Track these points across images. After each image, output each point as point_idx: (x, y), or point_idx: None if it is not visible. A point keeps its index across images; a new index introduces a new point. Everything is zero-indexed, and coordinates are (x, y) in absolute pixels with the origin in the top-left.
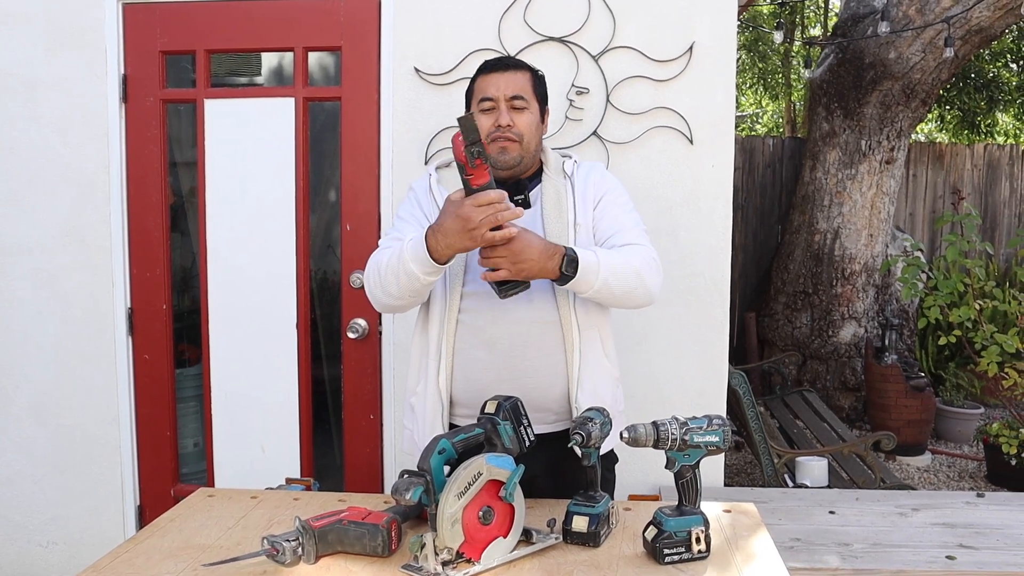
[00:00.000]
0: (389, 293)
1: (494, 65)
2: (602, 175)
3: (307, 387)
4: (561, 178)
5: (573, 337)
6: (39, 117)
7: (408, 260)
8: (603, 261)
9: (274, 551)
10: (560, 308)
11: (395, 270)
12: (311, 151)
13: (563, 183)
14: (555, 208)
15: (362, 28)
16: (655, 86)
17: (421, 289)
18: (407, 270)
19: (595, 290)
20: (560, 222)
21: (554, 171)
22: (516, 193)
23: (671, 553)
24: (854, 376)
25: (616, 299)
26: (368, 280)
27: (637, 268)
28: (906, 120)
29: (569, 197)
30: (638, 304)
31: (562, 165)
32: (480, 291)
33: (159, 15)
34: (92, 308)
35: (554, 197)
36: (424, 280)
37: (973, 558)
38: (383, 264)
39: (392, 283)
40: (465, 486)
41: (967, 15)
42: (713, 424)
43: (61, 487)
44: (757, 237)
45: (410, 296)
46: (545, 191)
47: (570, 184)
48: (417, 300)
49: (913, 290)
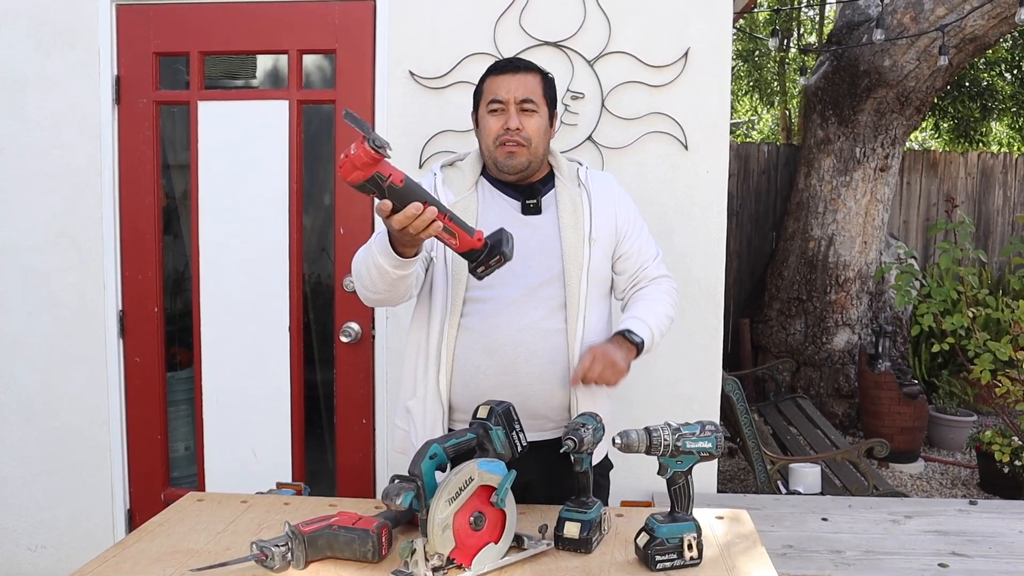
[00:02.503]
0: (365, 286)
1: (504, 67)
2: (620, 193)
3: (299, 391)
4: (576, 186)
5: (575, 346)
6: (30, 117)
7: (376, 253)
8: (654, 329)
9: (263, 556)
10: (568, 321)
11: (367, 263)
12: (305, 154)
13: (578, 192)
14: (572, 218)
15: (357, 31)
16: (650, 91)
17: (395, 282)
18: (376, 263)
19: (650, 353)
20: (577, 234)
21: (568, 178)
22: (528, 197)
23: (663, 560)
24: (847, 383)
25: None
26: (353, 275)
27: (670, 315)
28: (900, 128)
29: (586, 209)
30: None
31: (576, 172)
32: (484, 296)
33: (153, 16)
34: (83, 310)
35: (570, 207)
36: (394, 274)
37: (965, 566)
38: (359, 259)
39: (365, 276)
40: (456, 491)
41: (961, 23)
42: (706, 430)
43: (50, 490)
44: (751, 243)
45: (386, 289)
46: (560, 199)
47: (586, 193)
48: (397, 294)
49: (907, 297)
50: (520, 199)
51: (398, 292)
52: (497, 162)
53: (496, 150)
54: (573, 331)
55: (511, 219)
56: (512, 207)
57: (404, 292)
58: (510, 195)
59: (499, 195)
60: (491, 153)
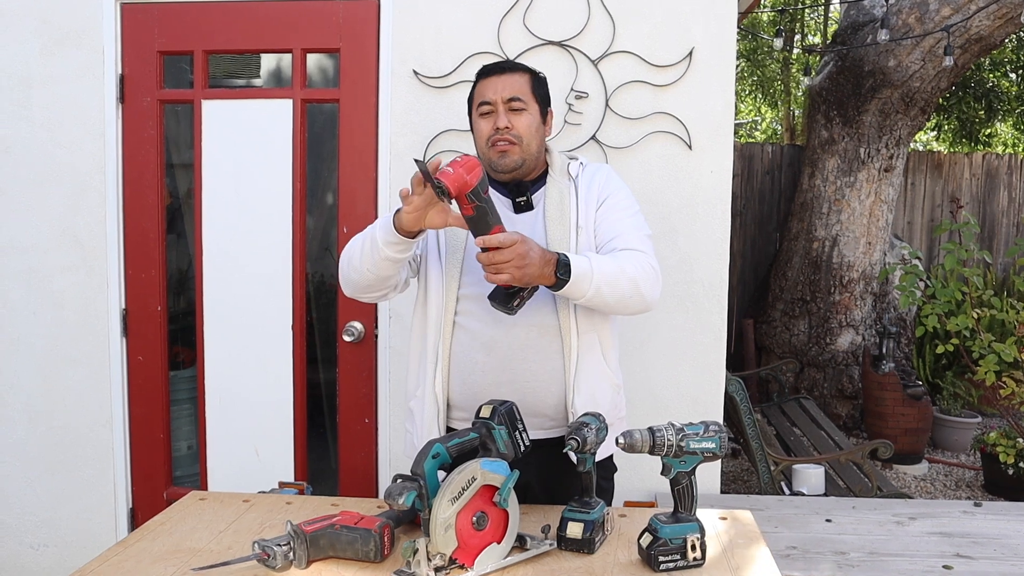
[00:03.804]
0: (352, 265)
1: (491, 69)
2: (608, 177)
3: (302, 390)
4: (565, 180)
5: (571, 343)
6: (34, 116)
7: (377, 227)
8: (596, 268)
9: (265, 555)
10: (560, 313)
11: (362, 238)
12: (308, 153)
13: (567, 185)
14: (557, 211)
15: (361, 30)
16: (654, 91)
17: (381, 263)
18: (371, 236)
19: (588, 297)
20: (562, 225)
21: (559, 173)
22: (517, 195)
23: (666, 560)
24: (851, 384)
25: (610, 306)
26: (342, 258)
27: (633, 276)
28: (905, 128)
29: (572, 199)
30: (633, 311)
31: (567, 167)
32: (477, 294)
33: (157, 15)
34: (86, 309)
35: (557, 199)
36: (384, 252)
37: (970, 568)
38: (356, 242)
39: (357, 253)
40: (459, 491)
41: (967, 24)
42: (709, 430)
43: (53, 489)
44: (755, 244)
45: (370, 269)
46: (548, 193)
47: (574, 186)
48: (380, 280)
49: (911, 298)
50: (512, 198)
51: (382, 277)
52: (491, 162)
53: (489, 151)
54: (566, 326)
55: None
56: (504, 206)
57: (387, 281)
58: (503, 194)
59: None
60: (485, 154)
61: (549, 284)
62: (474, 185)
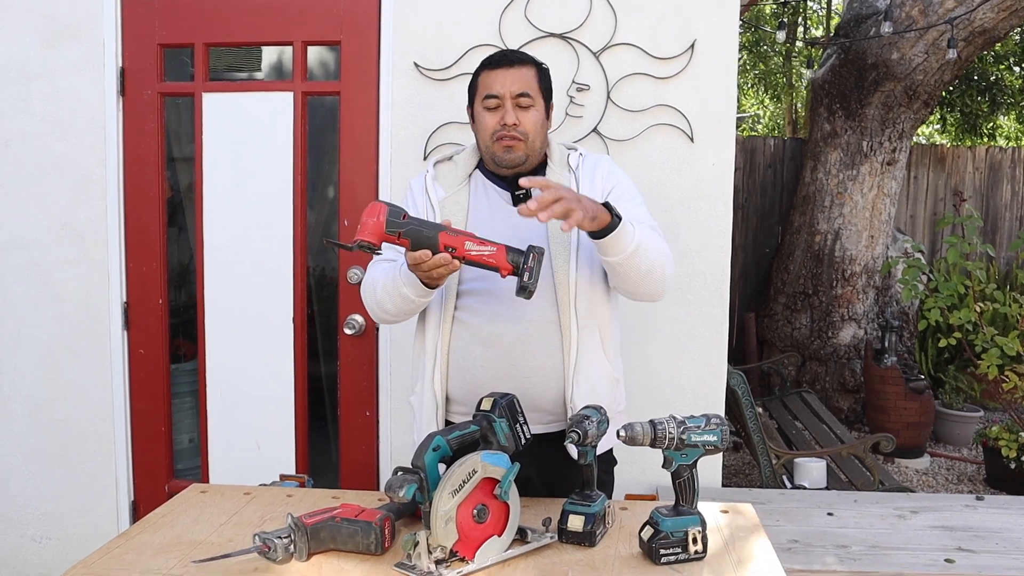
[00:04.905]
0: (386, 311)
1: (499, 61)
2: (610, 168)
3: (303, 383)
4: (565, 172)
5: (571, 337)
6: (35, 110)
7: (402, 285)
8: (636, 226)
9: (266, 548)
10: (560, 307)
11: (390, 293)
12: (310, 146)
13: (567, 176)
14: None
15: (362, 22)
16: (656, 84)
17: (417, 308)
18: (402, 294)
19: (627, 254)
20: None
21: (558, 165)
22: (517, 187)
23: (667, 553)
24: (853, 378)
25: (640, 274)
26: (365, 296)
27: (661, 249)
28: (908, 121)
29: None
30: (652, 291)
31: (567, 158)
32: (477, 289)
33: (158, 8)
34: (87, 302)
35: None
36: (419, 302)
37: (971, 561)
38: (379, 285)
39: (387, 303)
40: (460, 484)
41: (971, 16)
42: (711, 423)
43: (55, 482)
44: (757, 237)
45: (406, 314)
46: None
47: (574, 178)
48: (415, 314)
49: (913, 292)
50: (511, 190)
51: (417, 312)
52: (495, 157)
53: (493, 145)
54: (566, 320)
55: (502, 211)
56: (504, 199)
57: (417, 310)
58: (502, 187)
59: (491, 188)
60: (488, 148)
61: (603, 224)
62: (385, 221)
